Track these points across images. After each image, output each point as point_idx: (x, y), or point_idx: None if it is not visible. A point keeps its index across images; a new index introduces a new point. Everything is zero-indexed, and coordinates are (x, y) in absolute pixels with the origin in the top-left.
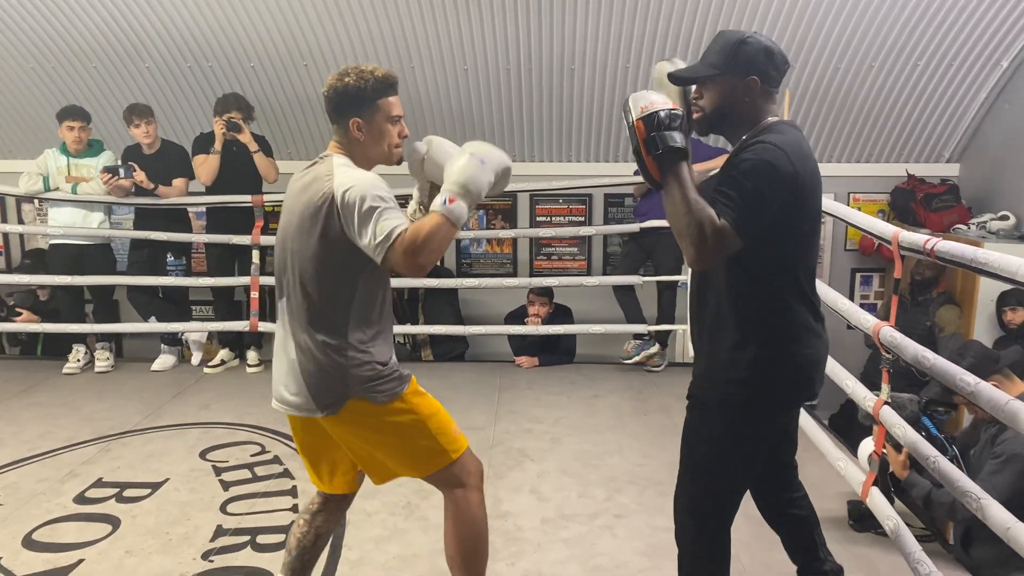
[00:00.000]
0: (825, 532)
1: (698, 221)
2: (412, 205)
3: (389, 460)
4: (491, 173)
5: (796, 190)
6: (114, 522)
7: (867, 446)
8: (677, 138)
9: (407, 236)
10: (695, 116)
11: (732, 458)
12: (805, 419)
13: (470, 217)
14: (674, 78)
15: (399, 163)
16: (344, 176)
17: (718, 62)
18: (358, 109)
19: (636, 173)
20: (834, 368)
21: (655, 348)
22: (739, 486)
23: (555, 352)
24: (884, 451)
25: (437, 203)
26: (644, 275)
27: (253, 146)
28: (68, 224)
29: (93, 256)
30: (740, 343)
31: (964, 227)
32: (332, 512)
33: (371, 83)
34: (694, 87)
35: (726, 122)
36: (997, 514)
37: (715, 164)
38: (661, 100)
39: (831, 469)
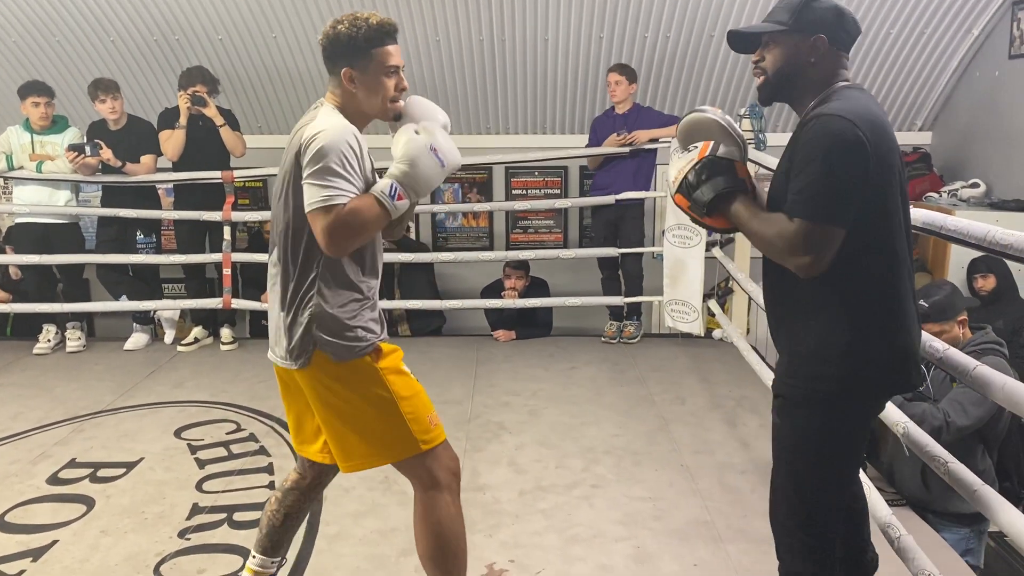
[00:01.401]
0: None
1: (779, 234)
2: None
3: (354, 434)
4: (443, 177)
5: (869, 161)
6: (88, 502)
7: None
8: (716, 184)
9: (330, 214)
10: (756, 82)
11: (835, 459)
12: None
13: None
14: (735, 37)
15: (397, 119)
16: (321, 123)
17: (784, 19)
18: (351, 58)
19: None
20: None
21: (633, 325)
22: (847, 488)
23: (532, 325)
24: None
25: (384, 190)
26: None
27: (219, 120)
28: (34, 203)
29: (60, 235)
30: (830, 333)
31: (936, 195)
32: (305, 492)
33: (364, 31)
34: (756, 51)
35: (790, 87)
36: (965, 476)
37: (667, 132)
38: (685, 161)
39: None
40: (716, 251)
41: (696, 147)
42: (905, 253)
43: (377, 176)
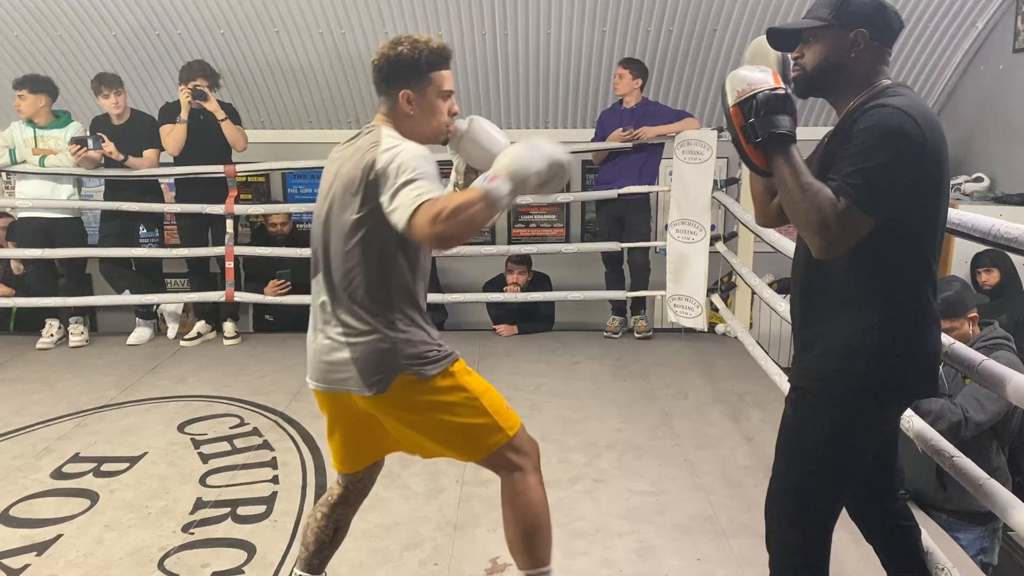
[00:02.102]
0: None
1: (817, 207)
2: (449, 185)
3: (440, 443)
4: (543, 161)
5: (925, 159)
6: (92, 497)
7: None
8: (781, 122)
9: (436, 204)
10: (794, 75)
11: (844, 459)
12: (787, 383)
13: (512, 204)
14: (774, 34)
15: (446, 143)
16: (390, 143)
17: (824, 14)
18: (409, 80)
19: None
20: None
21: (637, 319)
22: (847, 491)
23: (534, 319)
24: None
25: (478, 180)
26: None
27: (220, 114)
28: (36, 197)
29: (63, 230)
30: (863, 331)
31: None
32: (352, 503)
33: (425, 54)
34: (796, 47)
35: (830, 82)
36: (971, 471)
37: (674, 128)
38: (761, 79)
39: None
40: (719, 245)
41: (767, 69)
42: (938, 256)
43: None
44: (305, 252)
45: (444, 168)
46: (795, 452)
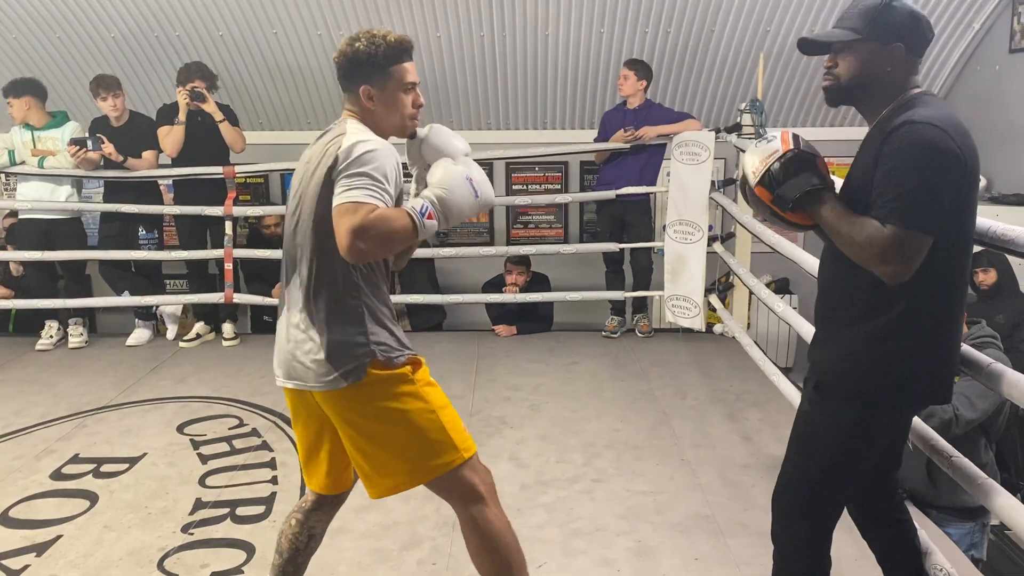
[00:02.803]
0: None
1: (870, 240)
2: (410, 196)
3: (390, 453)
4: (475, 210)
5: (957, 169)
6: (92, 497)
7: None
8: (805, 180)
9: (362, 212)
10: (825, 84)
11: (856, 456)
12: (787, 386)
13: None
14: (808, 44)
15: (412, 136)
16: (356, 136)
17: (859, 26)
18: (369, 76)
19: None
20: (810, 332)
21: (640, 318)
22: (854, 487)
23: (533, 320)
24: None
25: (416, 207)
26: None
27: (218, 115)
28: (36, 198)
29: (63, 231)
30: (888, 333)
31: None
32: (327, 510)
33: (383, 48)
34: (828, 55)
35: (863, 94)
36: (970, 471)
37: (675, 129)
38: (770, 150)
39: None
40: (717, 246)
41: (775, 137)
42: (969, 264)
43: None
44: None
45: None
46: (809, 447)
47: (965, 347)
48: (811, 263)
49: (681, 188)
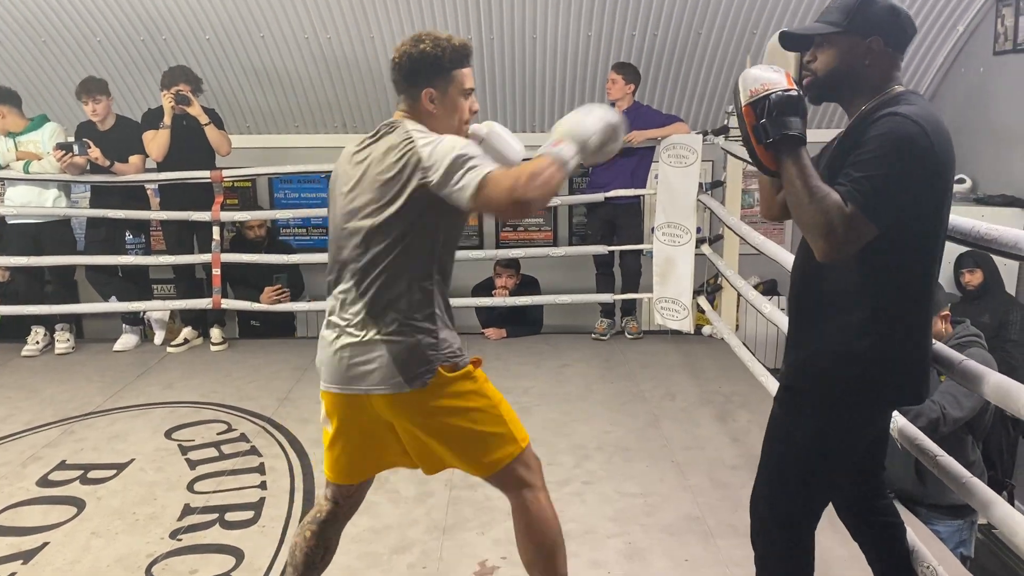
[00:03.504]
0: None
1: (824, 210)
2: None
3: (454, 451)
4: (599, 123)
5: (932, 169)
6: (79, 504)
7: None
8: (792, 124)
9: (507, 176)
10: (805, 81)
11: (832, 460)
12: (773, 383)
13: (578, 166)
14: (787, 37)
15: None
16: (425, 137)
17: (838, 19)
18: (432, 78)
19: None
20: None
21: (629, 320)
22: (835, 491)
23: (523, 323)
24: None
25: (542, 147)
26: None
27: (204, 119)
28: (23, 203)
29: (51, 235)
30: (857, 334)
31: None
32: (342, 519)
33: (448, 51)
34: (808, 51)
35: (842, 88)
36: (954, 469)
37: (664, 132)
38: (774, 79)
39: None
40: (705, 248)
41: (780, 70)
42: (939, 263)
43: None
44: (292, 259)
45: None
46: (783, 451)
47: (946, 348)
48: (787, 259)
49: (669, 190)
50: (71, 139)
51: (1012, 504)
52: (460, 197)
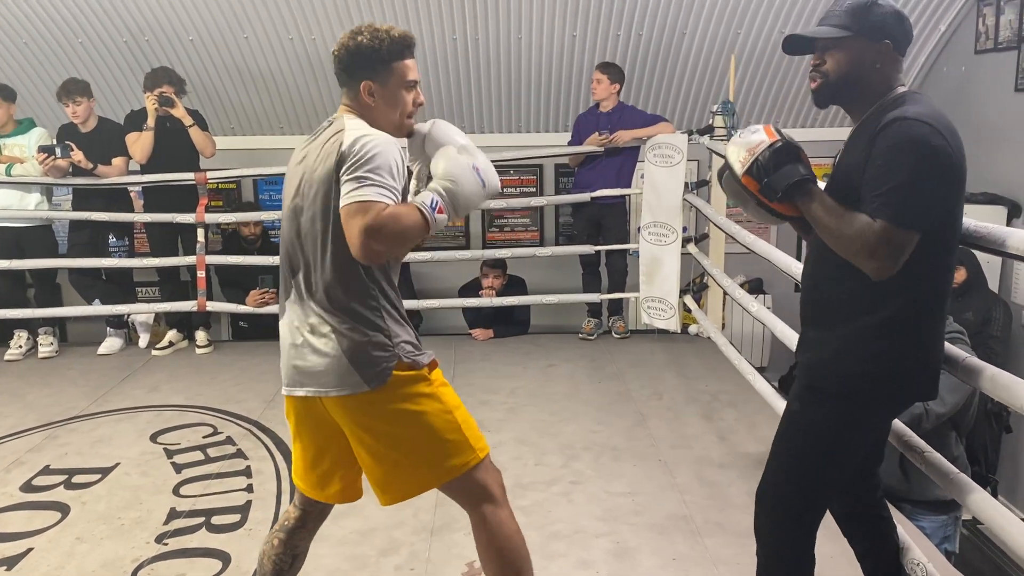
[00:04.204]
0: None
1: (859, 234)
2: (409, 194)
3: (406, 456)
4: (483, 199)
5: (949, 167)
6: (63, 509)
7: None
8: (792, 171)
9: (373, 212)
10: (814, 84)
11: (846, 456)
12: (763, 385)
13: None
14: (794, 41)
15: (410, 135)
16: (357, 131)
17: (848, 23)
18: (371, 71)
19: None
20: (784, 331)
21: (616, 320)
22: (839, 486)
23: (510, 323)
24: None
25: (425, 201)
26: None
27: (188, 120)
28: (4, 207)
29: (32, 239)
30: (881, 332)
31: None
32: (311, 527)
33: (386, 43)
34: (814, 54)
35: (853, 91)
36: (942, 466)
37: (649, 132)
38: (756, 141)
39: None
40: (691, 247)
41: (758, 129)
42: (955, 261)
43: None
44: (277, 260)
45: None
46: (799, 447)
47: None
48: (785, 261)
49: (655, 190)
50: (53, 142)
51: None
52: (341, 209)
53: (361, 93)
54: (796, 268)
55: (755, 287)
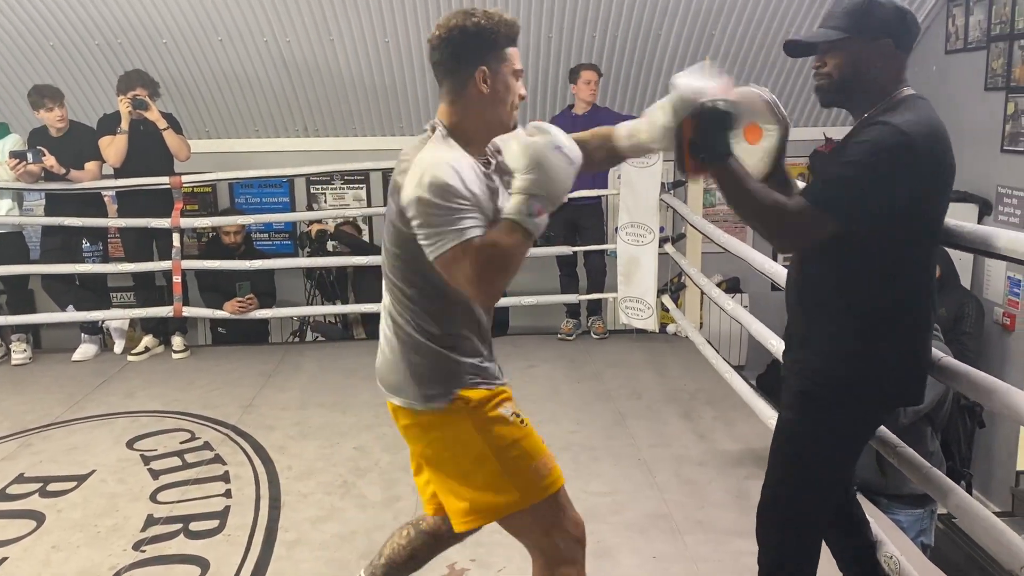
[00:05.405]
0: (753, 486)
1: (770, 207)
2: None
3: (467, 487)
4: (572, 179)
5: (917, 177)
6: (38, 517)
7: None
8: (725, 143)
9: (480, 255)
10: (818, 84)
11: (846, 459)
12: (740, 384)
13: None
14: (794, 45)
15: (514, 127)
16: (424, 159)
17: (844, 24)
18: (486, 56)
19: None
20: (760, 330)
21: (595, 320)
22: (839, 490)
23: None
24: None
25: (521, 210)
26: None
27: (162, 123)
28: None
29: (3, 245)
30: (878, 336)
31: None
32: (438, 540)
33: (503, 27)
34: (814, 56)
35: (854, 92)
36: (914, 460)
37: None
38: (711, 89)
39: (762, 426)
40: (668, 247)
41: (718, 73)
42: (935, 268)
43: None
44: (256, 264)
45: None
46: (799, 456)
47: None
48: (759, 260)
49: (632, 190)
50: (25, 147)
51: (971, 494)
52: (429, 256)
53: (475, 80)
54: (770, 267)
55: (732, 286)
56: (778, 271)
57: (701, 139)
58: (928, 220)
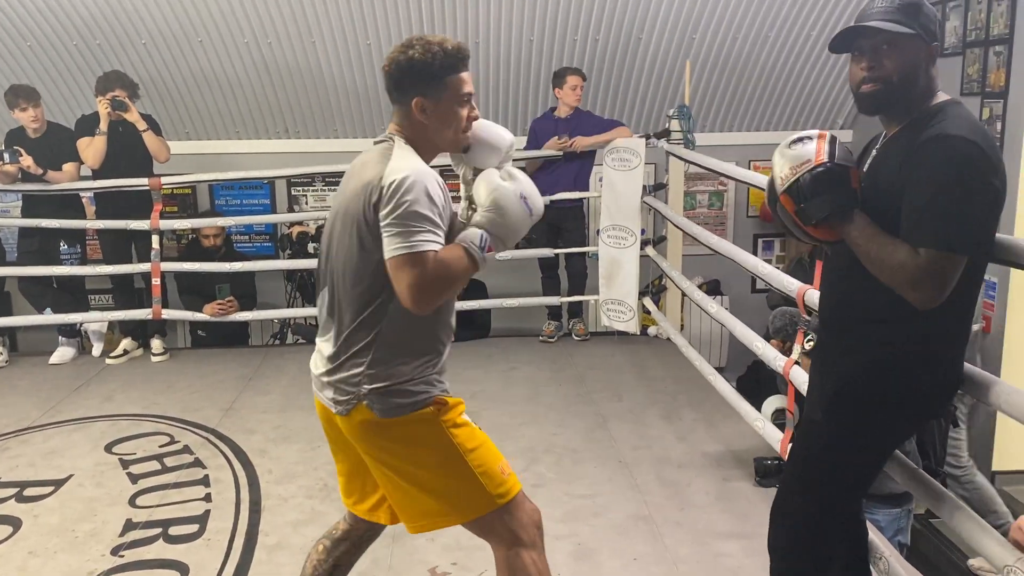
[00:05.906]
0: (734, 487)
1: (900, 266)
2: (461, 204)
3: (420, 492)
4: (528, 227)
5: (996, 188)
6: (15, 523)
7: (771, 403)
8: (832, 199)
9: (429, 266)
10: (867, 89)
11: (874, 466)
12: (723, 384)
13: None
14: (848, 35)
15: (466, 150)
16: (399, 163)
17: (906, 20)
18: (423, 87)
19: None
20: (744, 332)
21: (576, 322)
22: (862, 496)
23: (470, 327)
24: None
25: (475, 240)
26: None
27: (141, 125)
28: None
29: None
30: (915, 343)
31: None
32: (356, 543)
33: (439, 57)
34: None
35: (904, 96)
36: (897, 458)
37: (608, 137)
38: (799, 159)
39: (743, 427)
40: (649, 249)
41: (812, 139)
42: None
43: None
44: (236, 266)
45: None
46: (827, 459)
47: None
48: (752, 262)
49: (613, 193)
50: (1, 147)
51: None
52: (385, 254)
53: (413, 110)
54: (765, 269)
55: (712, 288)
56: (774, 273)
57: (800, 212)
58: (992, 227)
